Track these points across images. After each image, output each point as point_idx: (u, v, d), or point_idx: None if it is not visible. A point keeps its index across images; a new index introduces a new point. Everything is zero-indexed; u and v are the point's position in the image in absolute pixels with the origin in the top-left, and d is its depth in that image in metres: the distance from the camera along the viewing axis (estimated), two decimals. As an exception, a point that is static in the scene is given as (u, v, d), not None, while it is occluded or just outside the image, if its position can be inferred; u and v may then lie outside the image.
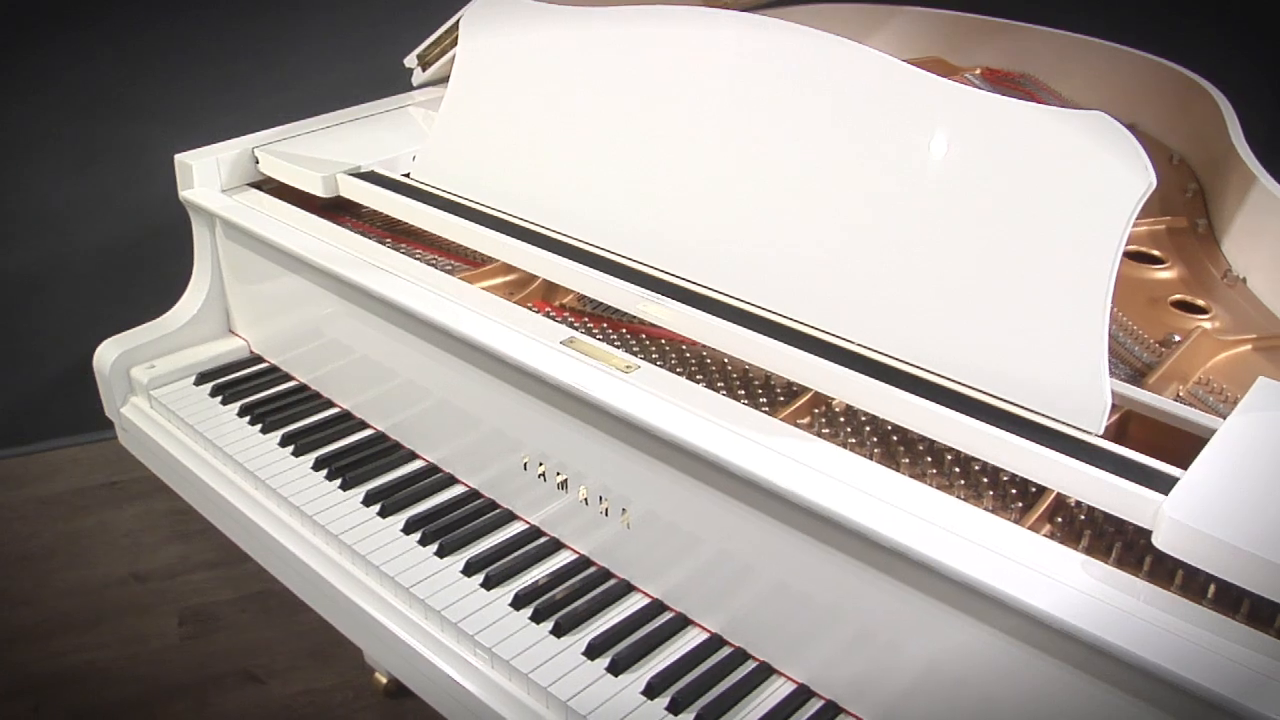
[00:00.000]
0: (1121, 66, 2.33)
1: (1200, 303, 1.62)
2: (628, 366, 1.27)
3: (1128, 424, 1.23)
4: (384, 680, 2.25)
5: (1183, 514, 0.97)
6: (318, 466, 1.56)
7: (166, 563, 2.62)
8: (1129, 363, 1.43)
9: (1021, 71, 2.48)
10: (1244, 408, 1.13)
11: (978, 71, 2.45)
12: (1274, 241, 1.67)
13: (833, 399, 1.32)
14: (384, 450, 1.59)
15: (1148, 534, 0.99)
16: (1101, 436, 1.13)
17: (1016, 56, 2.50)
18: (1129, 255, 1.75)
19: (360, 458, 1.57)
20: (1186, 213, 1.89)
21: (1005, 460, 1.09)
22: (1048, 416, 1.10)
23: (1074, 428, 1.09)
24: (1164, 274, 1.71)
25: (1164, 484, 1.02)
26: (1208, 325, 1.56)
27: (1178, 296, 1.64)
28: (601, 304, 1.54)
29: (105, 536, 2.70)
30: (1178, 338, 1.48)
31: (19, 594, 2.51)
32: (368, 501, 1.48)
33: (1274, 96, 2.87)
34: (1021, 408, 1.12)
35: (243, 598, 2.51)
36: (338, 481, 1.53)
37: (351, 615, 1.39)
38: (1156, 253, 1.76)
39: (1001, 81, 2.41)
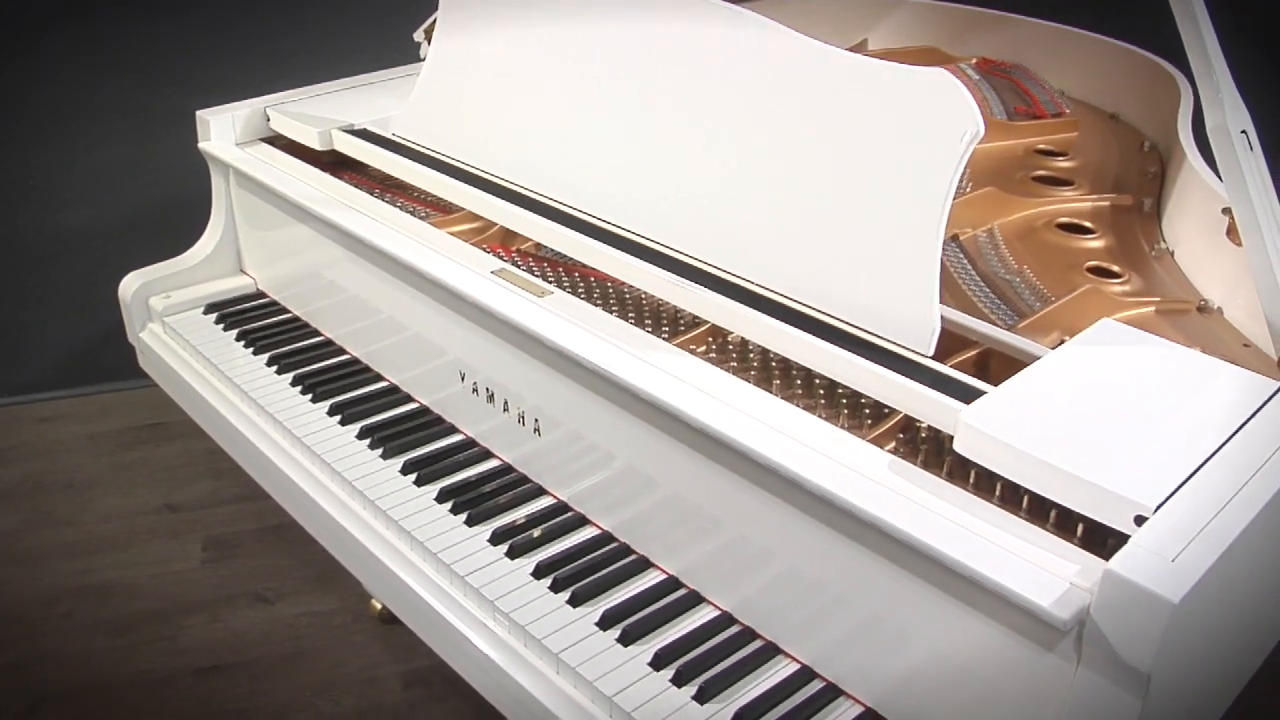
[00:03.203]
0: (1106, 58, 2.41)
1: (1115, 269, 1.72)
2: (542, 292, 1.43)
3: (988, 361, 1.36)
4: (379, 607, 2.43)
5: (977, 421, 1.09)
6: (295, 383, 1.75)
7: (197, 495, 2.83)
8: (1022, 313, 1.54)
9: (1014, 62, 2.56)
10: (1076, 340, 1.25)
11: (973, 61, 2.55)
12: (1196, 217, 1.77)
13: (730, 333, 1.46)
14: (354, 372, 1.78)
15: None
16: (957, 368, 1.26)
17: (1009, 47, 2.59)
18: (1061, 227, 1.86)
19: (333, 377, 1.76)
20: (1137, 192, 1.98)
21: (842, 374, 1.23)
22: (885, 339, 1.23)
23: (906, 349, 1.22)
24: (1092, 243, 1.81)
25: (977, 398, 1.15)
26: (1117, 289, 1.66)
27: (1094, 263, 1.74)
28: (554, 250, 1.69)
29: (145, 470, 2.93)
30: (1077, 296, 1.58)
31: (64, 516, 2.75)
32: (331, 412, 1.67)
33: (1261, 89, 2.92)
34: (863, 330, 1.25)
35: (263, 529, 2.71)
36: (309, 396, 1.72)
37: (296, 499, 1.59)
38: (1088, 224, 1.86)
39: (994, 71, 2.51)
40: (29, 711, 2.17)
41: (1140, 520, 0.99)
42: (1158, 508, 0.98)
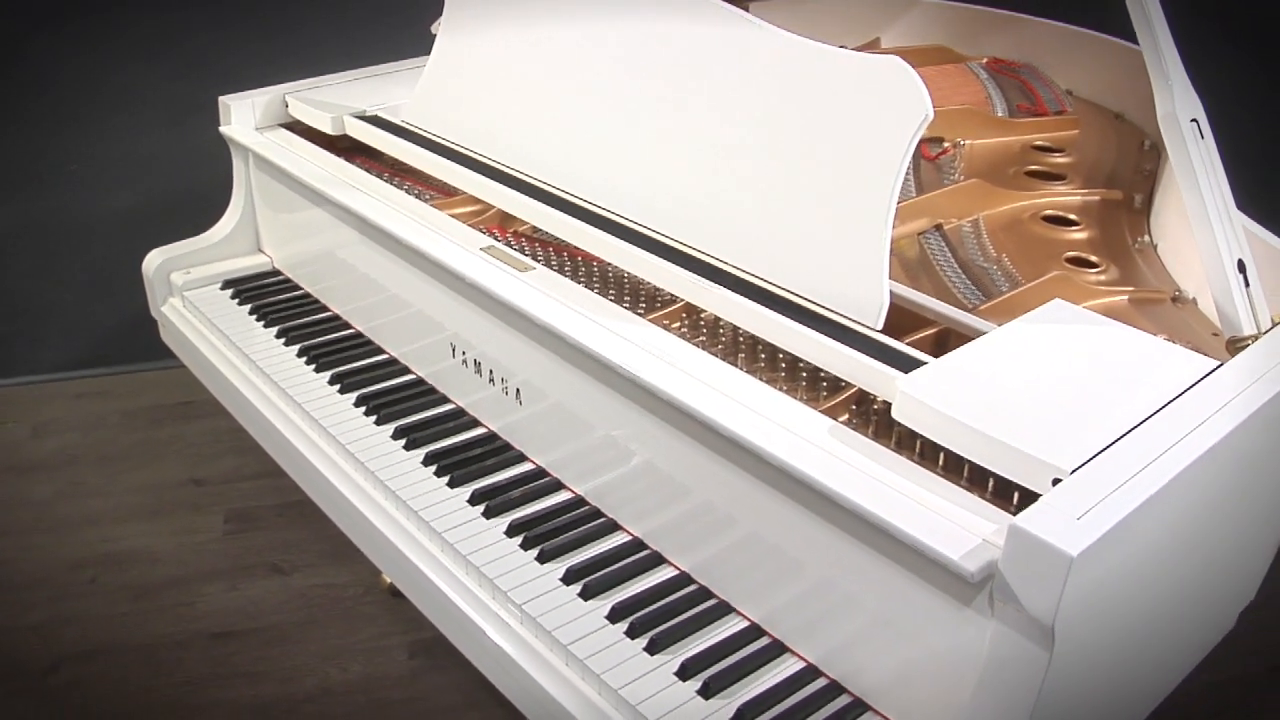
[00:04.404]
0: (1112, 58, 2.44)
1: (1093, 259, 1.76)
2: (525, 268, 1.51)
3: (947, 339, 1.41)
4: (388, 580, 2.51)
5: (912, 388, 1.15)
6: (301, 354, 1.85)
7: (222, 471, 2.93)
8: (993, 296, 1.58)
9: (1025, 62, 2.60)
10: (1024, 318, 1.30)
11: (984, 61, 2.59)
12: (1177, 211, 1.80)
13: (703, 311, 1.52)
14: (357, 345, 1.87)
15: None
16: (915, 345, 1.32)
17: (1020, 48, 2.62)
18: (1047, 219, 1.90)
19: (336, 350, 1.86)
20: (1129, 188, 2.02)
21: (793, 345, 1.29)
22: (838, 313, 1.29)
23: (857, 322, 1.28)
24: (1074, 235, 1.85)
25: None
26: (1092, 278, 1.70)
27: (1073, 253, 1.78)
28: (551, 234, 1.76)
29: (174, 446, 3.04)
30: (1049, 283, 1.62)
31: (94, 487, 2.86)
32: (332, 381, 1.76)
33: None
34: (817, 305, 1.31)
35: (282, 504, 2.80)
36: (312, 366, 1.81)
37: (291, 456, 1.72)
38: (1072, 217, 1.90)
39: (1003, 71, 2.54)
40: (52, 669, 2.27)
41: (1057, 483, 1.04)
42: (1073, 471, 1.03)
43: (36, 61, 2.99)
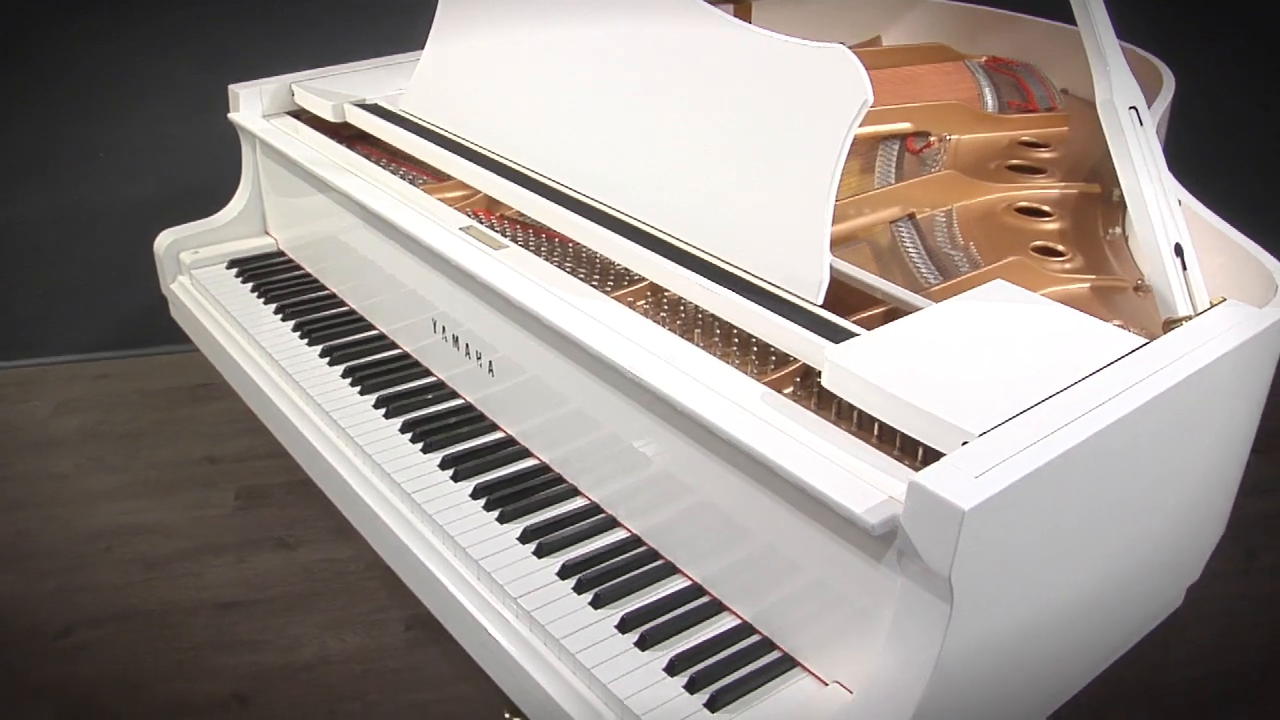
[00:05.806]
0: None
1: (1060, 248, 1.80)
2: (498, 246, 1.58)
3: (893, 318, 1.46)
4: (388, 558, 2.60)
5: (839, 357, 1.20)
6: (295, 329, 1.93)
7: (236, 450, 3.03)
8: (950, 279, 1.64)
9: (1023, 61, 2.64)
10: (962, 296, 1.35)
11: (983, 60, 2.63)
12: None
13: (666, 290, 1.58)
14: (350, 322, 1.96)
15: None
16: (864, 323, 1.37)
17: (1018, 47, 2.66)
18: (1021, 210, 1.95)
19: (330, 326, 1.95)
20: (1108, 182, 2.06)
21: (740, 320, 1.35)
22: (782, 289, 1.35)
23: (800, 298, 1.34)
24: (1046, 226, 1.90)
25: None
26: (1055, 266, 1.75)
27: (1041, 243, 1.82)
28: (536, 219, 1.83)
29: (191, 425, 3.14)
30: (1010, 270, 1.67)
31: (112, 464, 2.97)
32: (323, 354, 1.85)
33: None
34: (763, 280, 1.37)
35: (291, 482, 2.89)
36: (305, 340, 1.89)
37: (280, 422, 1.82)
38: (1046, 208, 1.94)
39: (1001, 70, 2.58)
40: (65, 633, 2.37)
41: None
42: (981, 435, 1.09)
43: (59, 52, 3.10)
